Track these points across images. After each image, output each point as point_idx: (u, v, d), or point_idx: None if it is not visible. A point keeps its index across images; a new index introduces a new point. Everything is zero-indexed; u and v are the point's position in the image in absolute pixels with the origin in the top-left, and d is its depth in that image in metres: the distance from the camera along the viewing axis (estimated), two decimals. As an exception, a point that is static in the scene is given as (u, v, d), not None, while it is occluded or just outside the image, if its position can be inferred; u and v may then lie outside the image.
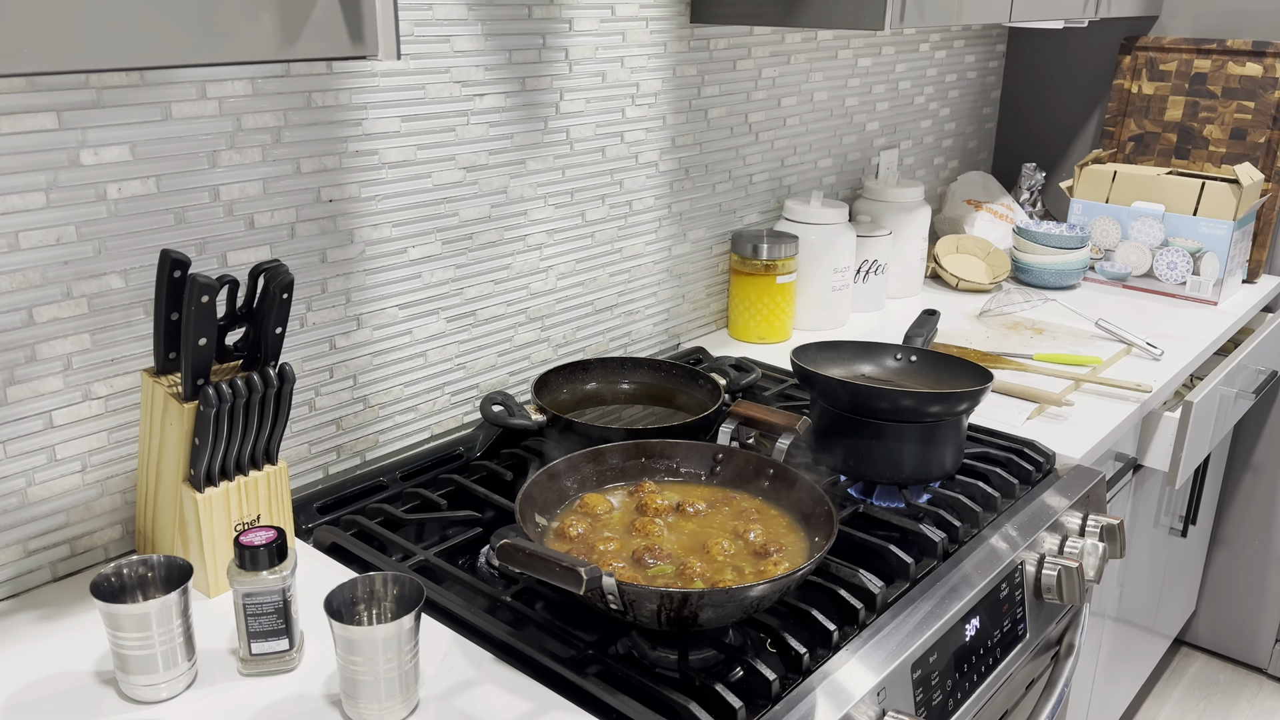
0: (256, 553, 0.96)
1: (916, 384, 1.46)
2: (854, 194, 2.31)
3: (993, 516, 1.35)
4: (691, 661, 1.04)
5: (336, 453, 1.42)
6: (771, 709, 0.98)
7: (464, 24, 1.40)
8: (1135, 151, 2.52)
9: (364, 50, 0.84)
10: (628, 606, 0.96)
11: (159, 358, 1.10)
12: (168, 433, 1.09)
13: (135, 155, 1.12)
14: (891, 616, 1.13)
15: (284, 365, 1.11)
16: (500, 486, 1.38)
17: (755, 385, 1.63)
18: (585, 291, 1.71)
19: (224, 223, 1.22)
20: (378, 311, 1.41)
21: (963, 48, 2.53)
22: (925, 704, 1.10)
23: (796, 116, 2.06)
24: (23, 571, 1.14)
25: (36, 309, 1.08)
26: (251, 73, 1.19)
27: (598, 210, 1.68)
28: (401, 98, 1.36)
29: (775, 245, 1.89)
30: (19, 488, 1.11)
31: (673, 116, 1.77)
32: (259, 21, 0.77)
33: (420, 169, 1.41)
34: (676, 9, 1.71)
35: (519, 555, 0.94)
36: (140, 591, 0.98)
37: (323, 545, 1.24)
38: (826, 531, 1.09)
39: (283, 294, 1.09)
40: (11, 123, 1.03)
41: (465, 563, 1.25)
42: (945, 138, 2.60)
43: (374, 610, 0.98)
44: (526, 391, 1.55)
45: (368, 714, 0.94)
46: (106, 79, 1.08)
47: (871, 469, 1.35)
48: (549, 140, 1.57)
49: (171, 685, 0.97)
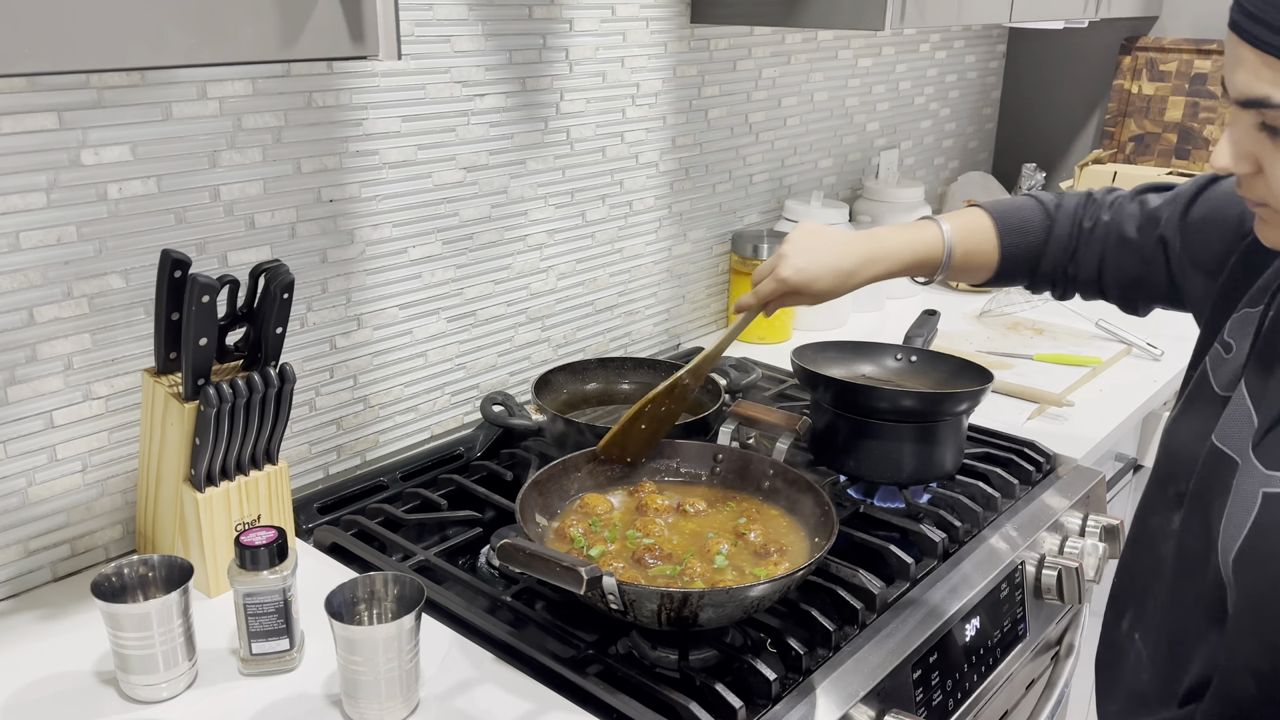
0: (257, 553, 0.96)
1: (916, 384, 1.46)
2: (854, 194, 2.31)
3: (993, 516, 1.35)
4: (691, 661, 1.04)
5: (337, 453, 1.42)
6: (771, 709, 0.98)
7: (464, 24, 1.40)
8: (1135, 152, 2.52)
9: (364, 50, 0.84)
10: (628, 606, 0.96)
11: (159, 358, 1.10)
12: (168, 433, 1.09)
13: (136, 155, 1.12)
14: (891, 616, 1.13)
15: (284, 365, 1.11)
16: (500, 486, 1.38)
17: (755, 385, 1.63)
18: (585, 291, 1.71)
19: (224, 223, 1.22)
20: (378, 311, 1.41)
21: (963, 48, 2.53)
22: (925, 704, 1.10)
23: (797, 117, 2.06)
24: (23, 571, 1.14)
25: (37, 309, 1.08)
26: (252, 73, 1.19)
27: (598, 210, 1.68)
28: (402, 98, 1.36)
29: (775, 245, 1.89)
30: (19, 488, 1.11)
31: (673, 117, 1.77)
32: (259, 21, 0.77)
33: (421, 169, 1.41)
34: (677, 9, 1.71)
35: (520, 555, 0.94)
36: (141, 591, 0.98)
37: (323, 545, 1.24)
38: (826, 531, 1.09)
39: (283, 294, 1.09)
40: (12, 123, 1.03)
41: (465, 563, 1.25)
42: (945, 138, 2.60)
43: (374, 610, 0.98)
44: (527, 391, 1.55)
45: (368, 714, 0.94)
46: (107, 79, 1.08)
47: (872, 469, 1.35)
48: (549, 140, 1.57)
49: (172, 685, 0.97)
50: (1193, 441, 0.90)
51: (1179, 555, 0.90)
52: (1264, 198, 0.76)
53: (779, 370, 1.79)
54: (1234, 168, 0.76)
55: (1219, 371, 0.91)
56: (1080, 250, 1.11)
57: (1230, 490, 0.82)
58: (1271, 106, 0.70)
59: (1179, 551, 0.90)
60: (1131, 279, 1.09)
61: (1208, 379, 0.92)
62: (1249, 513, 0.79)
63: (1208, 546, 0.84)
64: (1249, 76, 0.71)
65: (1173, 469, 0.93)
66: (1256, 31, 0.70)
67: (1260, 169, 0.75)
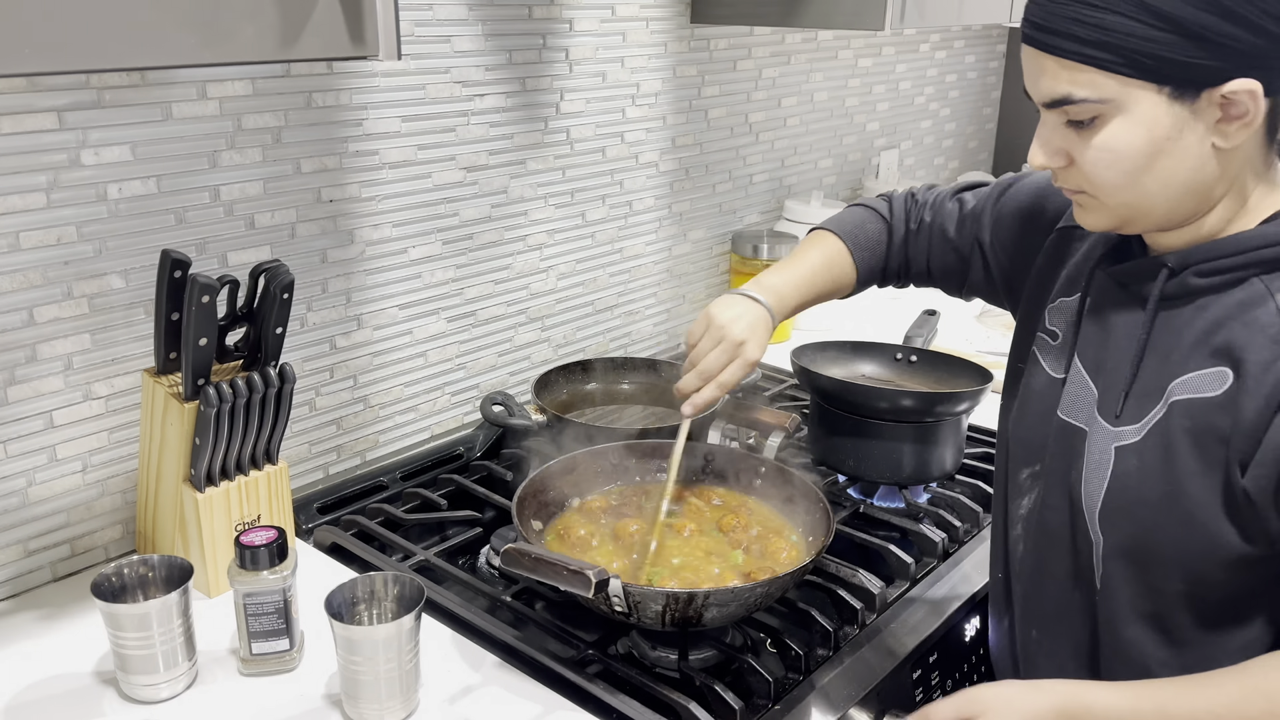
0: (257, 553, 0.96)
1: (916, 384, 1.46)
2: (854, 194, 2.31)
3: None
4: (691, 661, 1.04)
5: (337, 453, 1.42)
6: (771, 709, 0.98)
7: (464, 24, 1.40)
8: (1135, 152, 2.52)
9: (364, 50, 0.84)
10: (632, 608, 0.96)
11: (159, 358, 1.10)
12: (168, 433, 1.09)
13: (136, 155, 1.12)
14: (891, 616, 1.13)
15: (284, 365, 1.11)
16: (500, 486, 1.38)
17: (755, 385, 1.63)
18: (585, 292, 1.71)
19: (224, 223, 1.22)
20: (378, 311, 1.41)
21: (963, 48, 2.53)
22: (925, 704, 1.10)
23: (797, 117, 2.06)
24: (23, 571, 1.14)
25: (37, 309, 1.08)
26: (252, 73, 1.19)
27: (598, 210, 1.68)
28: (402, 98, 1.36)
29: (775, 245, 1.89)
30: (19, 488, 1.11)
31: (673, 117, 1.77)
32: (259, 21, 0.77)
33: (421, 169, 1.41)
34: (677, 9, 1.71)
35: (525, 560, 0.94)
36: (141, 591, 0.98)
37: (323, 545, 1.24)
38: (824, 530, 1.09)
39: (283, 294, 1.09)
40: (12, 123, 1.03)
41: (465, 563, 1.25)
42: (945, 138, 2.60)
43: (374, 610, 0.98)
44: (527, 391, 1.55)
45: (368, 714, 0.94)
46: (107, 79, 1.08)
47: (871, 469, 1.35)
48: (549, 140, 1.57)
49: (172, 685, 0.97)
50: (1039, 425, 0.98)
51: (1041, 531, 0.97)
52: (1080, 185, 0.86)
53: (779, 370, 1.79)
54: (1049, 163, 0.86)
55: (1049, 357, 1.00)
56: (911, 249, 1.20)
57: (1084, 455, 0.91)
58: (1073, 102, 0.81)
59: (1040, 528, 0.97)
60: (955, 272, 1.17)
61: (1039, 366, 1.00)
62: (1106, 469, 0.89)
63: (1071, 513, 0.93)
64: (1050, 81, 0.81)
65: (1023, 454, 1.01)
66: (1049, 40, 0.80)
67: (1072, 160, 0.85)
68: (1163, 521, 0.85)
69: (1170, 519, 0.85)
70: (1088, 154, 0.83)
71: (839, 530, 1.23)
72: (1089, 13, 0.78)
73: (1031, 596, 1.00)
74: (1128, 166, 0.82)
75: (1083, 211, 0.89)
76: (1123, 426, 0.89)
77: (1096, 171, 0.83)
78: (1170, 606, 0.88)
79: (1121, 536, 0.89)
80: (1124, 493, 0.88)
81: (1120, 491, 0.88)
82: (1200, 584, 0.86)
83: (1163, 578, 0.87)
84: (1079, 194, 0.87)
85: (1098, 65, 0.78)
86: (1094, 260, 0.96)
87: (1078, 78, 0.80)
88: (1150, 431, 0.86)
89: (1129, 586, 0.89)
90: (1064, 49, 0.79)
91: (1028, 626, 1.01)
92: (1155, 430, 0.86)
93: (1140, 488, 0.87)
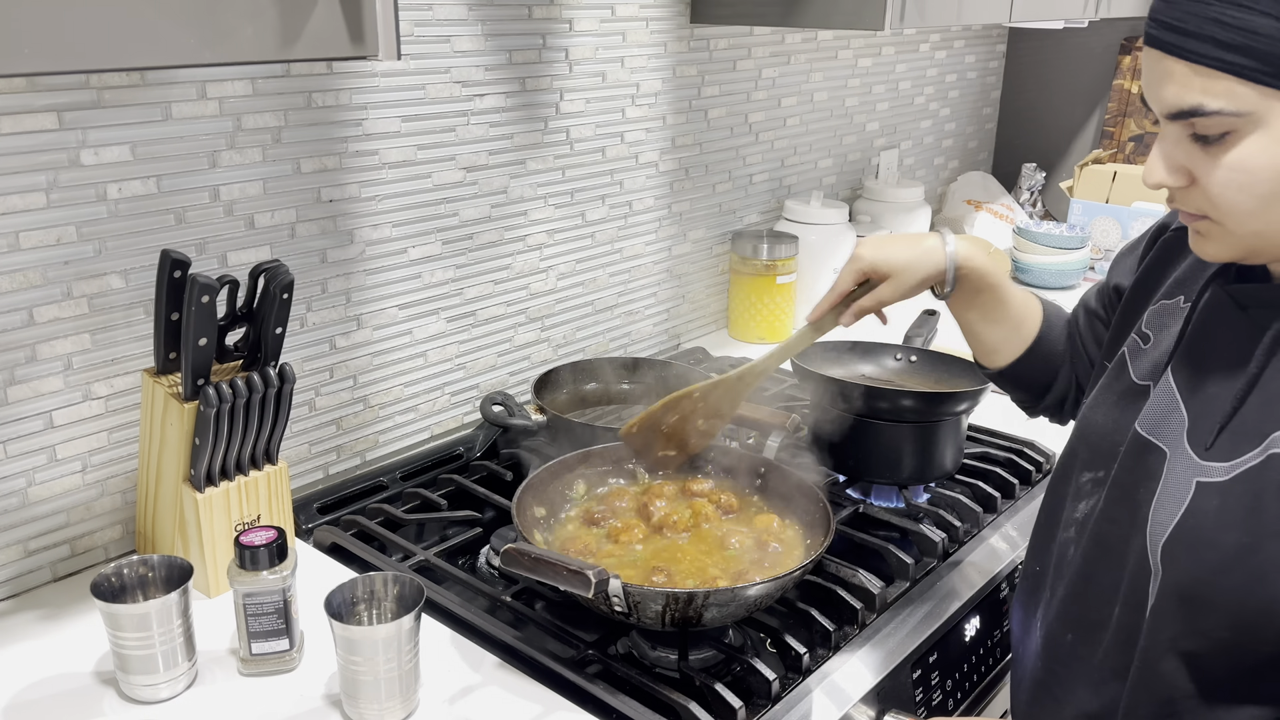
0: (257, 553, 0.96)
1: (916, 384, 1.46)
2: (854, 194, 2.31)
3: (993, 517, 1.35)
4: (691, 661, 1.04)
5: (336, 453, 1.42)
6: (771, 709, 0.98)
7: (464, 24, 1.40)
8: (1135, 151, 2.52)
9: (364, 50, 0.84)
10: (632, 608, 0.96)
11: (159, 358, 1.10)
12: (168, 433, 1.09)
13: (135, 155, 1.12)
14: (891, 616, 1.13)
15: (284, 365, 1.11)
16: (500, 486, 1.38)
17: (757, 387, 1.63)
18: (585, 292, 1.71)
19: (224, 223, 1.22)
20: (378, 311, 1.41)
21: (963, 48, 2.53)
22: (925, 704, 1.10)
23: (796, 116, 2.06)
24: (23, 571, 1.14)
25: (37, 309, 1.08)
26: (251, 73, 1.19)
27: (598, 210, 1.68)
28: (402, 98, 1.36)
29: (775, 245, 1.89)
30: (19, 488, 1.11)
31: (673, 117, 1.77)
32: (259, 21, 0.77)
33: (420, 169, 1.41)
34: (676, 9, 1.71)
35: (525, 560, 0.94)
36: (140, 591, 0.98)
37: (323, 545, 1.24)
38: (824, 529, 1.09)
39: (283, 294, 1.09)
40: (12, 123, 1.02)
41: (465, 563, 1.25)
42: (945, 138, 2.60)
43: (374, 610, 0.98)
44: (526, 391, 1.55)
45: (368, 714, 0.94)
46: (107, 79, 1.08)
47: (871, 469, 1.35)
48: (549, 140, 1.57)
49: (172, 685, 0.97)
50: (1112, 430, 0.91)
51: (1095, 542, 0.91)
52: (1201, 208, 0.78)
53: (779, 370, 1.79)
54: (1169, 181, 0.78)
55: (1137, 362, 0.92)
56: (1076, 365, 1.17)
57: (1159, 479, 0.84)
58: (1203, 114, 0.72)
59: (1095, 538, 0.91)
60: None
61: (1125, 369, 0.93)
62: (1181, 501, 0.82)
63: (1131, 533, 0.86)
64: (1178, 89, 0.73)
65: (1090, 457, 0.95)
66: (1181, 43, 0.72)
67: (1194, 180, 0.76)
68: (1231, 570, 0.78)
69: (1240, 570, 0.78)
70: (1216, 174, 0.74)
71: (839, 530, 1.22)
72: (1234, 13, 0.69)
73: (1073, 601, 0.94)
74: (1263, 191, 0.73)
75: (1202, 240, 0.80)
76: (1211, 462, 0.81)
77: (1225, 194, 0.74)
78: (1212, 651, 0.81)
79: (1180, 573, 0.81)
80: (1196, 531, 0.80)
81: (1192, 529, 0.81)
82: (1250, 637, 0.79)
83: (1213, 624, 0.80)
84: (1200, 219, 0.79)
85: (1237, 73, 0.70)
86: (1213, 269, 0.86)
87: (1212, 86, 0.71)
88: (1240, 476, 0.79)
89: (1176, 624, 0.82)
90: (1199, 53, 0.71)
91: (1064, 629, 0.95)
92: (1246, 476, 0.78)
93: (1216, 531, 0.79)
